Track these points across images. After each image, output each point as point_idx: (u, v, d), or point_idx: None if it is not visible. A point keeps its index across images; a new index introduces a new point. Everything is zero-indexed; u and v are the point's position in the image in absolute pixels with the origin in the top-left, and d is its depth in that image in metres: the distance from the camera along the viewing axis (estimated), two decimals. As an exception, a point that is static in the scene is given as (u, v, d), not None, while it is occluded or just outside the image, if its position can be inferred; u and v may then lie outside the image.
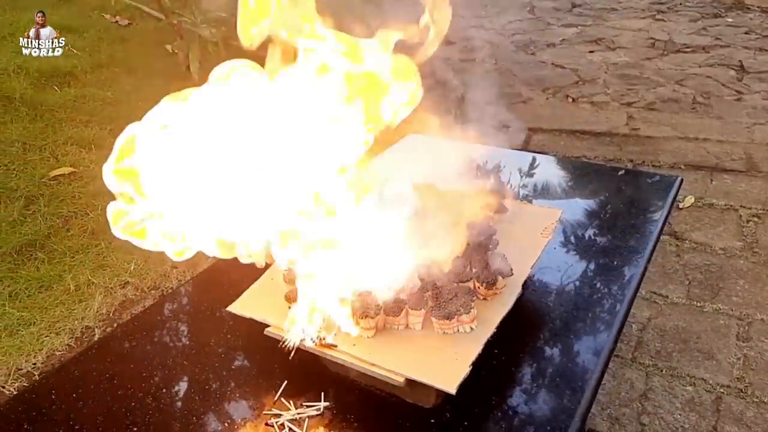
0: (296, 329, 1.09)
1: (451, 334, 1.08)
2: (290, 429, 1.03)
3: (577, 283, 1.34)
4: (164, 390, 1.17)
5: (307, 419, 1.06)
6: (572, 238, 1.50)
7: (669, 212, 1.54)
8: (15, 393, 1.77)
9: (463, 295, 1.09)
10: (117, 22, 4.62)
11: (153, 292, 2.28)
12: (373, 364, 1.04)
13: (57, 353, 2.00)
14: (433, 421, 1.05)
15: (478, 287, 1.15)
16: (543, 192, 1.73)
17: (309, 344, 1.09)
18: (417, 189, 1.22)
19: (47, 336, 2.05)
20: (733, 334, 2.18)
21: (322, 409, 1.07)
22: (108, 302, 2.21)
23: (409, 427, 1.05)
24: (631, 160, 3.30)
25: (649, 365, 2.06)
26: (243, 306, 1.20)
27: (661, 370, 2.04)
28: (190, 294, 1.48)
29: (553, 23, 5.36)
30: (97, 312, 2.16)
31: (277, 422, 1.05)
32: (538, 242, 1.27)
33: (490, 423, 1.06)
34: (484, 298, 1.15)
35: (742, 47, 4.66)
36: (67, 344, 2.05)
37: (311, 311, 1.10)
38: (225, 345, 1.26)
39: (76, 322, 2.12)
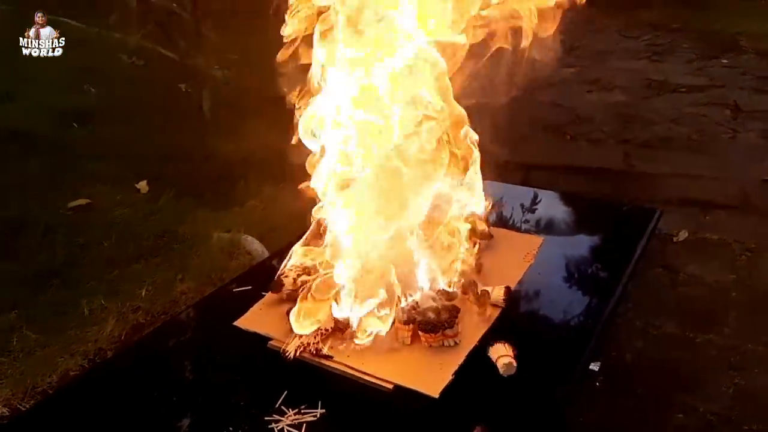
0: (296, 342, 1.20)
1: (437, 347, 1.18)
2: (289, 433, 1.12)
3: (557, 305, 1.44)
4: (173, 399, 1.26)
5: (305, 424, 1.15)
6: (556, 266, 1.59)
7: (647, 242, 1.64)
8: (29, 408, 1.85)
9: (447, 312, 1.19)
10: (133, 62, 4.83)
11: (163, 317, 2.37)
12: (364, 373, 1.14)
13: (71, 373, 2.09)
14: (420, 424, 1.14)
15: (472, 300, 1.25)
16: (534, 222, 1.83)
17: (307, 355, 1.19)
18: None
19: (62, 357, 2.14)
20: (724, 365, 2.22)
21: (318, 415, 1.16)
22: (120, 326, 2.30)
23: (397, 431, 1.14)
24: (627, 196, 3.39)
25: (640, 394, 2.10)
26: (248, 321, 1.30)
27: (654, 400, 2.08)
28: (197, 313, 1.59)
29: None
30: (110, 335, 2.26)
31: (277, 427, 1.14)
32: (520, 266, 1.37)
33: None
34: (478, 314, 1.25)
35: (737, 87, 4.79)
36: (81, 365, 2.14)
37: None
38: (230, 358, 1.36)
39: (90, 344, 2.21)
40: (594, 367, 2.22)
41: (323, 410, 1.17)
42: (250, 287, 1.50)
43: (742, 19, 6.22)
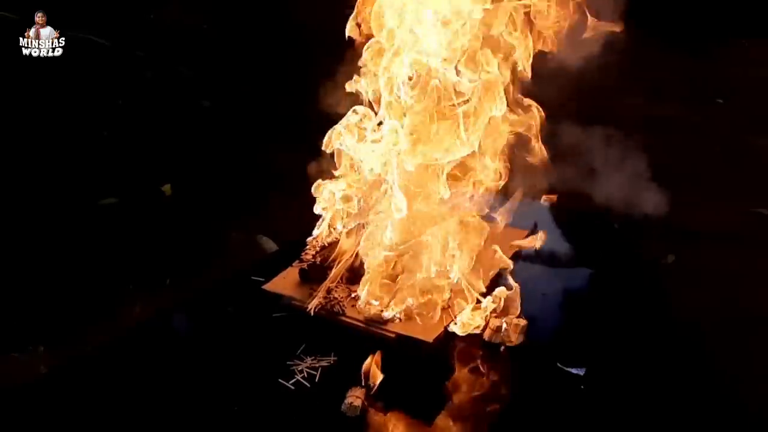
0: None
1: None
2: (307, 373, 1.35)
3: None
4: (209, 352, 1.49)
5: (320, 368, 1.38)
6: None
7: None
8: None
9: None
10: (155, 79, 5.12)
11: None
12: (370, 326, 1.38)
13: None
14: (416, 372, 1.37)
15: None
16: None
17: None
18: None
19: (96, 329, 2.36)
20: (712, 384, 2.36)
21: (332, 361, 1.39)
22: (147, 309, 2.52)
23: (396, 372, 1.37)
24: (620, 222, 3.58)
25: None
26: (274, 286, 1.55)
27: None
28: (224, 286, 1.82)
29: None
30: (137, 317, 2.48)
31: (297, 368, 1.37)
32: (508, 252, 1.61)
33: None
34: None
35: (732, 126, 5.03)
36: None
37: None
38: (259, 318, 1.59)
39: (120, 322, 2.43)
40: (578, 371, 2.39)
41: (336, 358, 1.40)
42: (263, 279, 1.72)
43: (735, 63, 6.52)
